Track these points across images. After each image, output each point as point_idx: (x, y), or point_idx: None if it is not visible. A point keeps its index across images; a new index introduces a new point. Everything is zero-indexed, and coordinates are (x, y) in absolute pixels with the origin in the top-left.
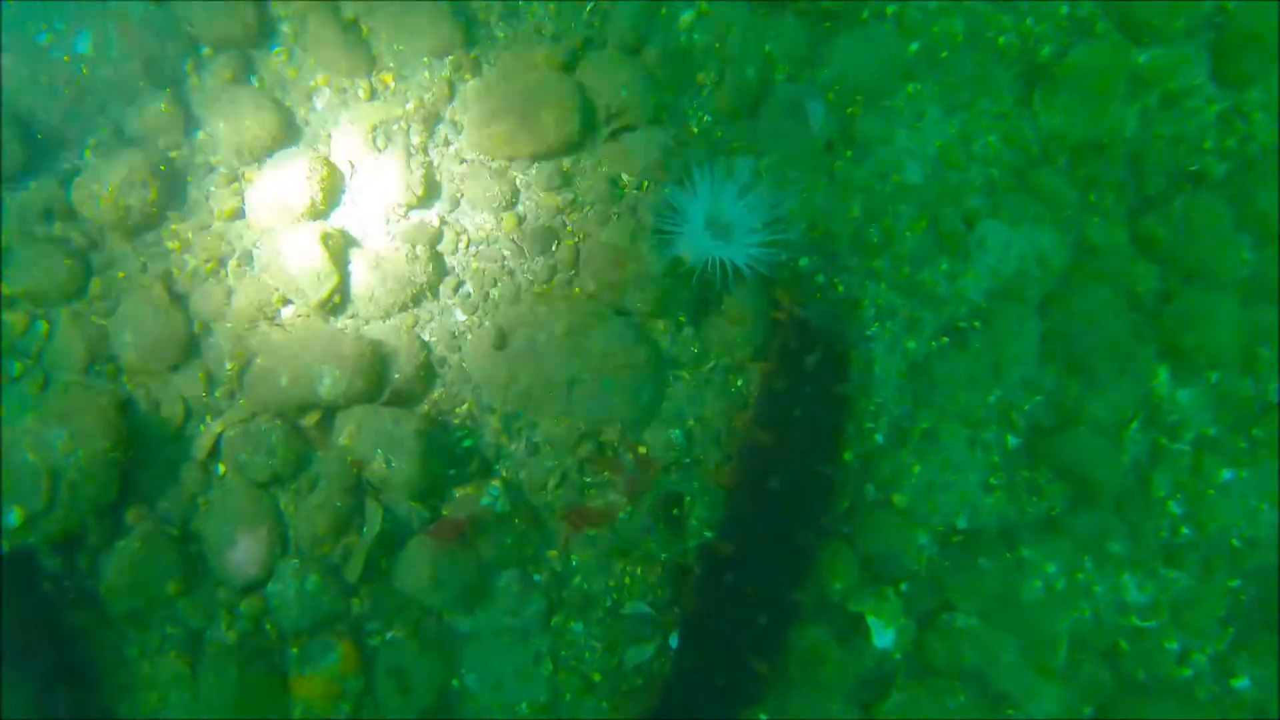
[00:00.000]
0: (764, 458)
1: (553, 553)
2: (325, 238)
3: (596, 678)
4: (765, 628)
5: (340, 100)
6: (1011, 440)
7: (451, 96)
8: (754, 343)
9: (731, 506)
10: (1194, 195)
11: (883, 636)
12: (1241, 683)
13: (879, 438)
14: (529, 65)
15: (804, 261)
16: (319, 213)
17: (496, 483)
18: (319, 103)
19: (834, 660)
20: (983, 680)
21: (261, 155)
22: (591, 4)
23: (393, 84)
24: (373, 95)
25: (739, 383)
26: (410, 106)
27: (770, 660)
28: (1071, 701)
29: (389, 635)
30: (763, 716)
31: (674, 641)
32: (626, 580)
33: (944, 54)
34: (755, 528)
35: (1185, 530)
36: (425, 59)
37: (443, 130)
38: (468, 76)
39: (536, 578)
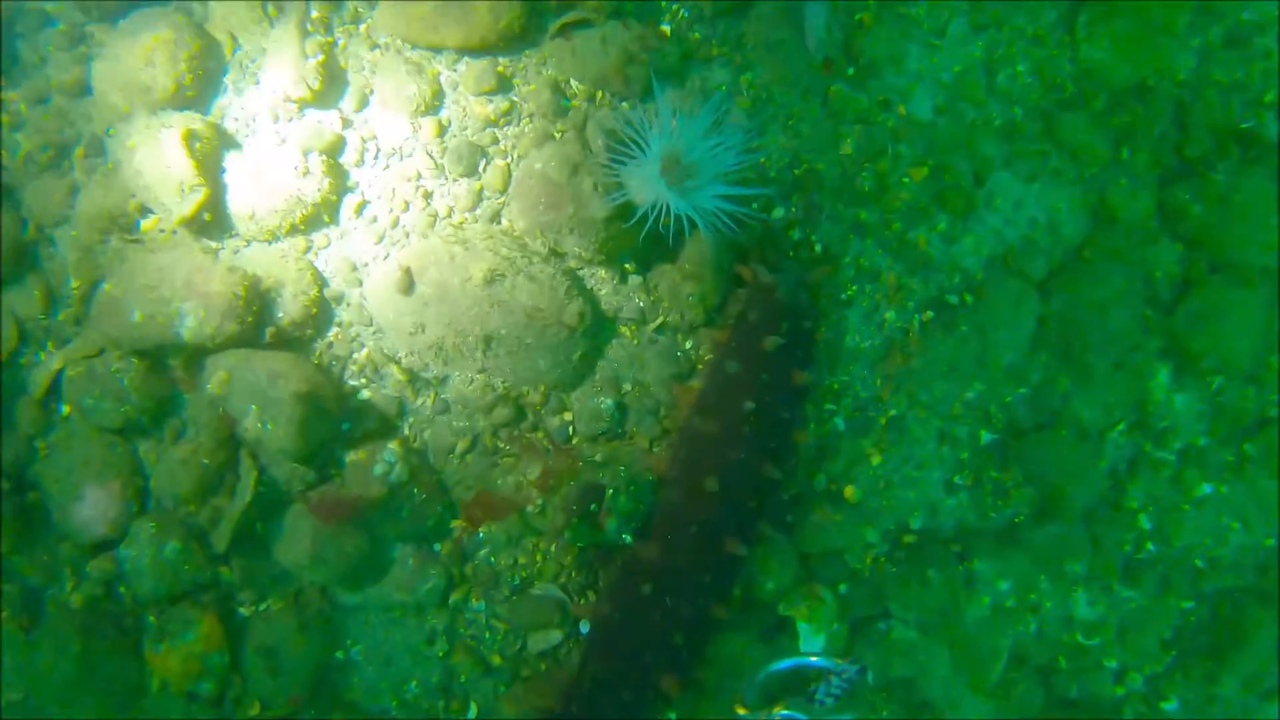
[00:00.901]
0: (704, 450)
1: (457, 523)
2: (190, 136)
3: (496, 661)
4: (682, 646)
5: None
6: (986, 436)
7: None
8: (709, 302)
9: (661, 501)
10: (1240, 168)
11: (811, 642)
12: (1170, 705)
13: (839, 422)
14: None
15: (778, 212)
16: (186, 100)
17: (394, 445)
18: None
19: (754, 667)
20: (910, 688)
21: (114, 11)
22: None
23: None
24: None
25: (687, 345)
26: None
27: (682, 679)
28: (996, 716)
29: (262, 607)
30: (671, 715)
31: (584, 628)
32: (539, 558)
33: None
34: (684, 531)
35: (1150, 546)
36: None
37: (351, 3)
38: None
39: (436, 548)
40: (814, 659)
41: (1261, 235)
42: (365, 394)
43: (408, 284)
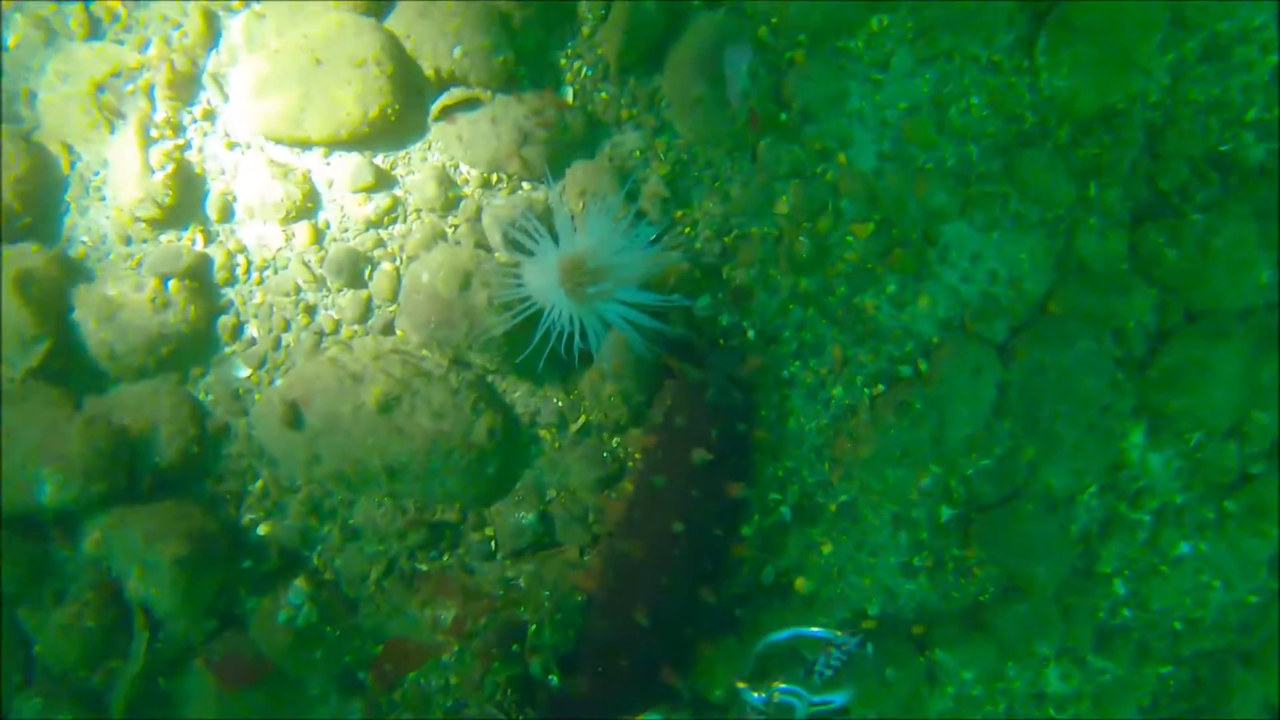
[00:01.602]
0: (632, 575)
1: (378, 648)
2: (23, 278)
3: None
4: None
5: (41, 36)
6: (946, 512)
7: (215, 37)
8: (634, 400)
9: (589, 628)
10: (1220, 205)
11: None
12: None
13: (785, 511)
14: (318, 3)
15: (704, 301)
16: (20, 230)
17: (300, 583)
18: (7, 37)
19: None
20: None
21: None
22: None
23: (124, 12)
24: (93, 32)
25: (615, 442)
26: (151, 53)
27: None
28: None
29: None
30: None
31: None
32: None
33: None
34: (615, 664)
35: (1126, 612)
36: None
37: (205, 96)
38: (236, 5)
39: (361, 675)
40: (814, 629)
41: (1242, 283)
42: (263, 529)
43: (293, 417)
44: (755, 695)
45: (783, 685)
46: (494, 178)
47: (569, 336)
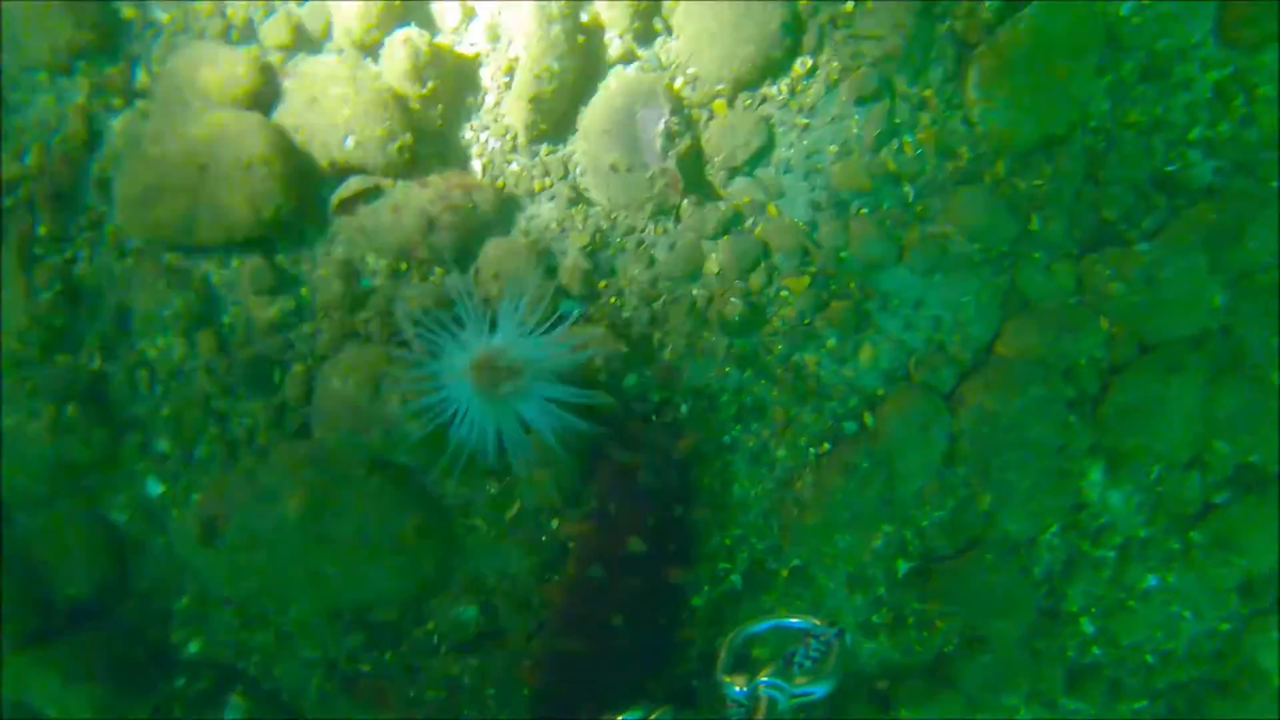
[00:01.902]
0: (572, 672)
1: None
2: None
3: None
4: None
5: None
6: (903, 566)
7: (94, 140)
8: (567, 485)
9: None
10: (1167, 233)
11: None
12: None
13: (736, 579)
14: (200, 99)
15: (631, 380)
16: None
17: (237, 698)
18: None
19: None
20: None
21: None
22: None
23: None
24: None
25: (554, 524)
26: (30, 161)
27: None
28: None
29: None
30: None
31: None
32: None
33: (848, 4)
34: None
35: (1096, 650)
36: (42, 73)
37: (91, 203)
38: (118, 102)
39: None
40: (792, 620)
41: (1193, 313)
42: (193, 646)
43: (210, 533)
44: (736, 689)
45: (764, 678)
46: (403, 265)
47: (492, 434)
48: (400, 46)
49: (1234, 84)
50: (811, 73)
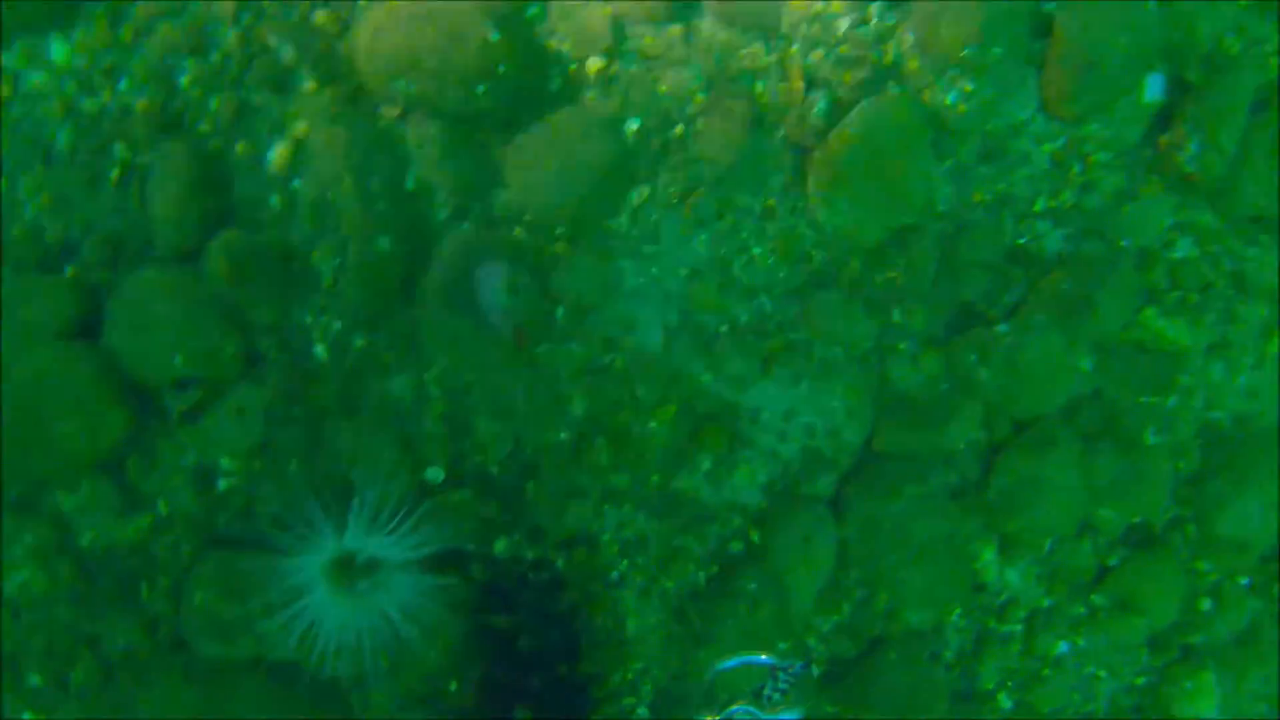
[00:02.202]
0: None
1: None
2: None
3: None
4: None
5: None
6: (814, 670)
7: None
8: (448, 660)
9: None
10: (1024, 317)
11: None
12: None
13: (643, 711)
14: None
15: (500, 545)
16: None
17: None
18: None
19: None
20: None
21: None
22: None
23: None
24: None
25: (453, 687)
26: None
27: None
28: None
29: None
30: None
31: None
32: None
33: (678, 129)
34: None
35: None
36: None
37: None
38: None
39: None
40: (760, 656)
41: (1058, 388)
42: None
43: None
44: None
45: (738, 708)
46: (258, 464)
47: (356, 630)
48: (219, 250)
49: (1068, 153)
50: (650, 200)
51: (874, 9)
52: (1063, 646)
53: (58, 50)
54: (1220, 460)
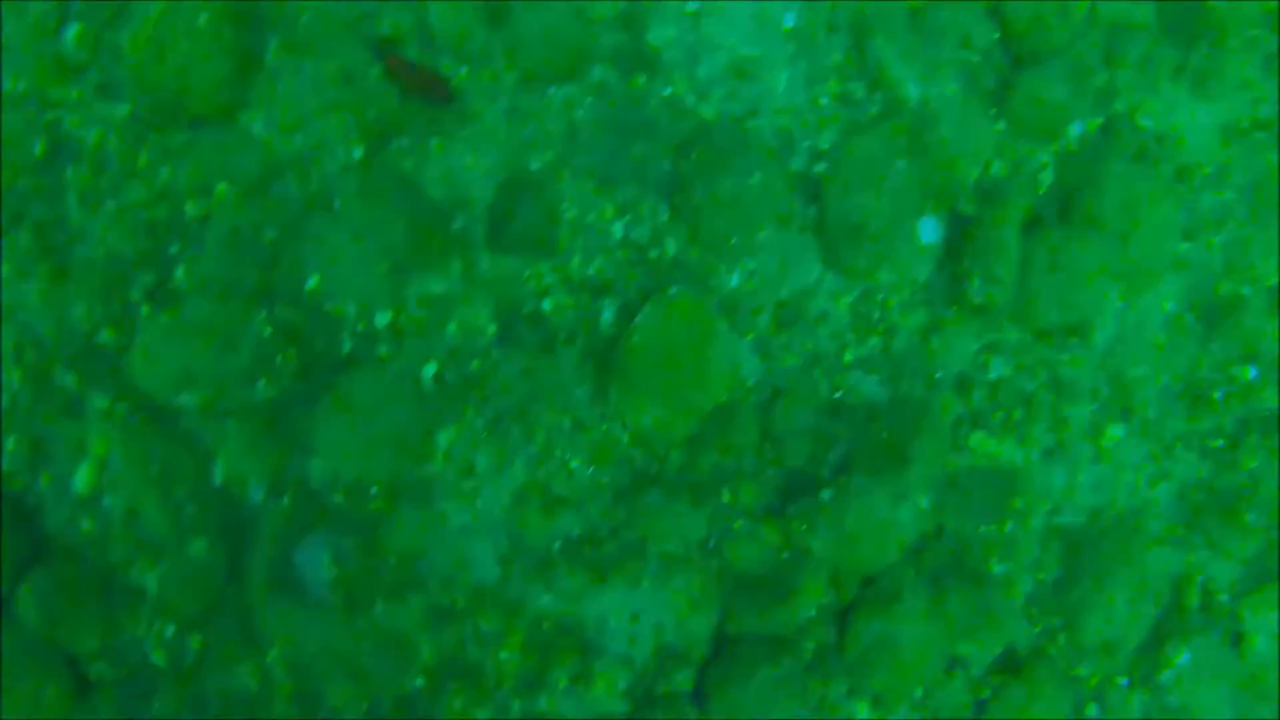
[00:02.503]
0: None
1: None
2: None
3: None
4: None
5: None
6: None
7: None
8: None
9: None
10: (843, 483)
11: None
12: None
13: None
14: None
15: None
16: None
17: None
18: None
19: None
20: None
21: None
22: None
23: None
24: None
25: None
26: None
27: None
28: None
29: None
30: None
31: None
32: None
33: (474, 364)
34: None
35: None
36: None
37: None
38: None
39: None
40: None
41: (890, 543)
42: None
43: None
44: None
45: None
46: None
47: None
48: (28, 597)
49: (865, 303)
50: (459, 439)
51: (645, 209)
52: None
53: None
54: (1081, 563)
